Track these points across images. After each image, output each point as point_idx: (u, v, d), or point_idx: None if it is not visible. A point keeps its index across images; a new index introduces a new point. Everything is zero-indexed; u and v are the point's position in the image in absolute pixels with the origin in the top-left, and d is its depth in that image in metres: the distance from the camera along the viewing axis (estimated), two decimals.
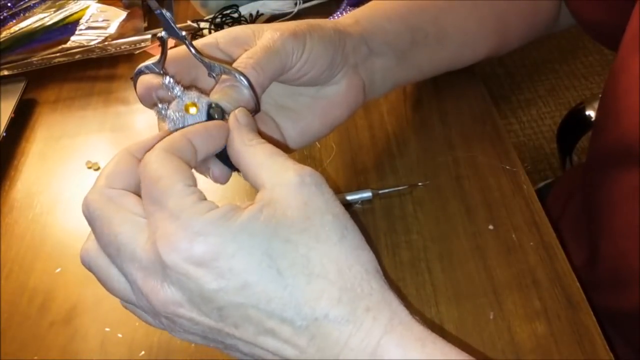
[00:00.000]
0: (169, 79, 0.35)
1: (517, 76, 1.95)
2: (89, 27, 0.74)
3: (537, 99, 1.86)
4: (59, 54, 0.71)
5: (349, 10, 0.71)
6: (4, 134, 0.62)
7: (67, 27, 0.75)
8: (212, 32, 0.71)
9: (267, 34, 0.40)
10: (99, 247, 0.31)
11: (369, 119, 0.58)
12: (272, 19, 0.74)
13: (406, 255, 0.46)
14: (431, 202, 0.49)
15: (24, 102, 0.67)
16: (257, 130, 0.35)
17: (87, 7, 0.76)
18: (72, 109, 0.67)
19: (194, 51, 0.37)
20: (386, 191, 0.50)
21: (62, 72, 0.72)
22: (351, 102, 0.46)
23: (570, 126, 0.87)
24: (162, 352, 0.43)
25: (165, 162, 0.30)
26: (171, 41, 0.36)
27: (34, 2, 0.76)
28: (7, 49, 0.72)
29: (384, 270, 0.44)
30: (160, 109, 0.36)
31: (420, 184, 0.50)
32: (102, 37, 0.72)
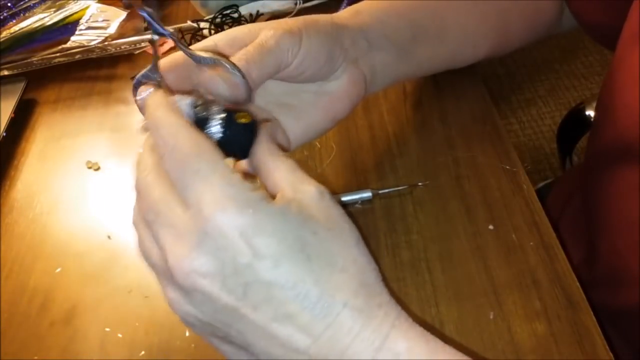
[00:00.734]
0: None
1: (517, 76, 1.95)
2: (89, 27, 0.74)
3: (537, 99, 1.86)
4: (59, 54, 0.71)
5: None
6: (4, 134, 0.62)
7: (67, 27, 0.75)
8: (212, 32, 0.71)
9: (262, 33, 0.40)
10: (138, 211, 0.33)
11: (369, 119, 0.58)
12: (272, 19, 0.74)
13: (406, 255, 0.46)
14: (431, 202, 0.49)
15: (24, 102, 0.67)
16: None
17: (87, 7, 0.76)
18: (72, 109, 0.67)
19: (183, 47, 0.36)
20: (386, 191, 0.50)
21: (62, 72, 0.72)
22: (353, 95, 0.46)
23: (570, 126, 0.87)
24: (162, 352, 0.43)
25: (199, 141, 0.31)
26: (171, 43, 0.36)
27: (34, 2, 0.76)
28: (7, 49, 0.72)
29: (384, 270, 0.45)
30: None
31: (420, 184, 0.50)
32: (102, 37, 0.72)
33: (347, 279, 0.30)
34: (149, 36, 0.36)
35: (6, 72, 0.70)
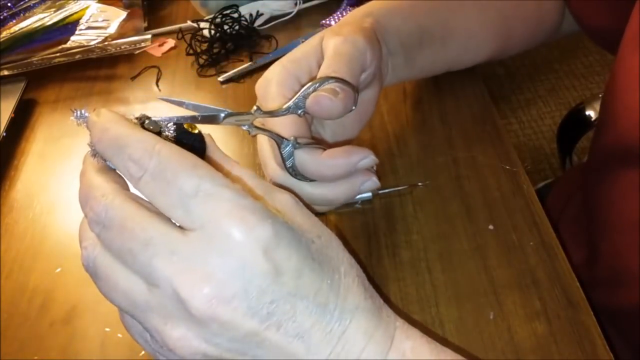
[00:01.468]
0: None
1: (517, 76, 1.95)
2: (89, 27, 0.74)
3: (537, 99, 1.87)
4: (59, 54, 0.71)
5: (349, 10, 0.71)
6: (4, 134, 0.62)
7: (67, 27, 0.75)
8: (212, 32, 0.71)
9: (330, 42, 0.41)
10: (104, 248, 0.29)
11: (369, 120, 0.58)
12: (272, 19, 0.74)
13: (406, 255, 0.46)
14: (431, 202, 0.49)
15: (24, 102, 0.67)
16: None
17: (87, 7, 0.76)
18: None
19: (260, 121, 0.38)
20: (386, 191, 0.50)
21: (62, 72, 0.72)
22: (377, 99, 0.47)
23: (570, 126, 0.87)
24: None
25: (186, 154, 0.28)
26: (171, 43, 0.36)
27: (34, 2, 0.76)
28: (7, 49, 0.72)
29: (384, 270, 0.45)
30: None
31: (420, 184, 0.50)
32: (102, 37, 0.72)
33: (352, 282, 0.30)
34: (149, 36, 0.36)
35: (6, 72, 0.70)
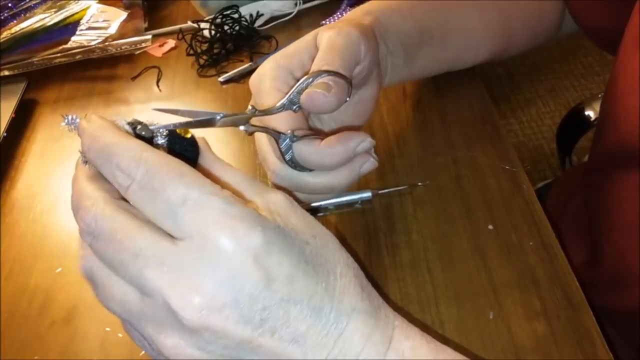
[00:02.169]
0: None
1: (517, 76, 1.94)
2: (90, 28, 0.74)
3: (537, 99, 1.86)
4: (59, 54, 0.71)
5: (349, 10, 0.71)
6: (5, 134, 0.62)
7: (68, 27, 0.75)
8: (212, 32, 0.71)
9: (325, 35, 0.41)
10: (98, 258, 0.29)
11: (368, 119, 0.58)
12: (272, 19, 0.74)
13: (406, 255, 0.46)
14: (431, 202, 0.49)
15: (24, 102, 0.67)
16: None
17: (87, 8, 0.76)
18: (72, 109, 0.67)
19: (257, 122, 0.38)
20: (386, 191, 0.50)
21: (63, 72, 0.72)
22: (377, 98, 0.47)
23: (569, 126, 0.87)
24: None
25: (173, 161, 0.28)
26: (172, 43, 0.36)
27: (34, 2, 0.76)
28: (8, 49, 0.72)
29: (384, 270, 0.45)
30: None
31: (420, 184, 0.50)
32: (103, 38, 0.72)
33: (349, 284, 0.29)
34: (149, 36, 0.36)
35: (7, 73, 0.70)
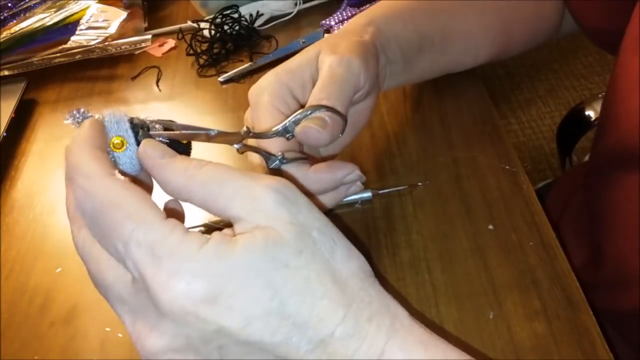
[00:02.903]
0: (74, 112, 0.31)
1: (517, 76, 1.95)
2: (90, 27, 0.74)
3: (537, 99, 1.87)
4: (59, 54, 0.71)
5: (349, 10, 0.71)
6: (5, 134, 0.62)
7: (68, 27, 0.75)
8: (212, 32, 0.71)
9: (326, 62, 0.41)
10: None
11: (361, 129, 0.58)
12: (272, 19, 0.74)
13: (406, 255, 0.46)
14: (431, 202, 0.49)
15: (24, 102, 0.67)
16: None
17: (87, 7, 0.76)
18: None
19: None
20: (386, 191, 0.50)
21: (63, 72, 0.72)
22: (373, 108, 0.47)
23: (570, 126, 0.87)
24: None
25: (118, 188, 0.27)
26: (172, 43, 0.36)
27: (34, 2, 0.76)
28: (8, 49, 0.72)
29: (384, 270, 0.45)
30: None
31: (420, 184, 0.50)
32: (103, 37, 0.72)
33: (330, 305, 0.27)
34: (149, 36, 0.36)
35: (6, 72, 0.70)
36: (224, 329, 0.26)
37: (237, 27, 0.72)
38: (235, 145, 0.37)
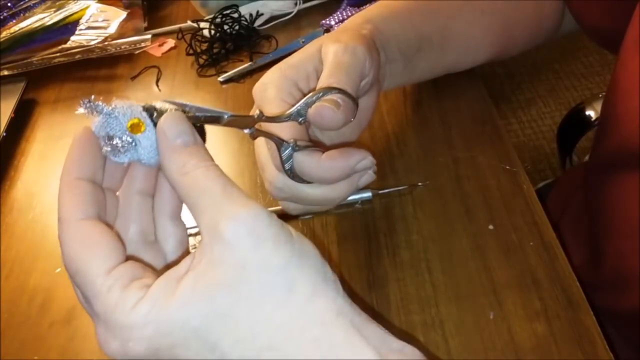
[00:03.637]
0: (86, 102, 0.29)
1: (517, 76, 1.94)
2: (89, 27, 0.74)
3: (537, 99, 1.86)
4: (59, 54, 0.71)
5: (349, 10, 0.71)
6: (4, 134, 0.62)
7: (67, 27, 0.75)
8: (212, 32, 0.71)
9: (330, 50, 0.41)
10: None
11: (366, 126, 0.58)
12: (272, 19, 0.74)
13: (406, 255, 0.46)
14: (431, 202, 0.49)
15: (24, 102, 0.67)
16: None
17: (87, 7, 0.76)
18: (72, 109, 0.67)
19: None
20: (386, 191, 0.50)
21: (62, 72, 0.72)
22: (375, 107, 0.47)
23: (570, 126, 0.87)
24: None
25: (80, 240, 0.28)
26: (171, 43, 0.36)
27: (34, 2, 0.76)
28: (7, 49, 0.72)
29: (384, 270, 0.45)
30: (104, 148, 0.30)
31: (420, 184, 0.50)
32: (102, 37, 0.72)
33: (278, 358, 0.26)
34: (149, 36, 0.36)
35: (6, 72, 0.70)
36: None
37: (237, 27, 0.72)
38: (246, 130, 0.37)
